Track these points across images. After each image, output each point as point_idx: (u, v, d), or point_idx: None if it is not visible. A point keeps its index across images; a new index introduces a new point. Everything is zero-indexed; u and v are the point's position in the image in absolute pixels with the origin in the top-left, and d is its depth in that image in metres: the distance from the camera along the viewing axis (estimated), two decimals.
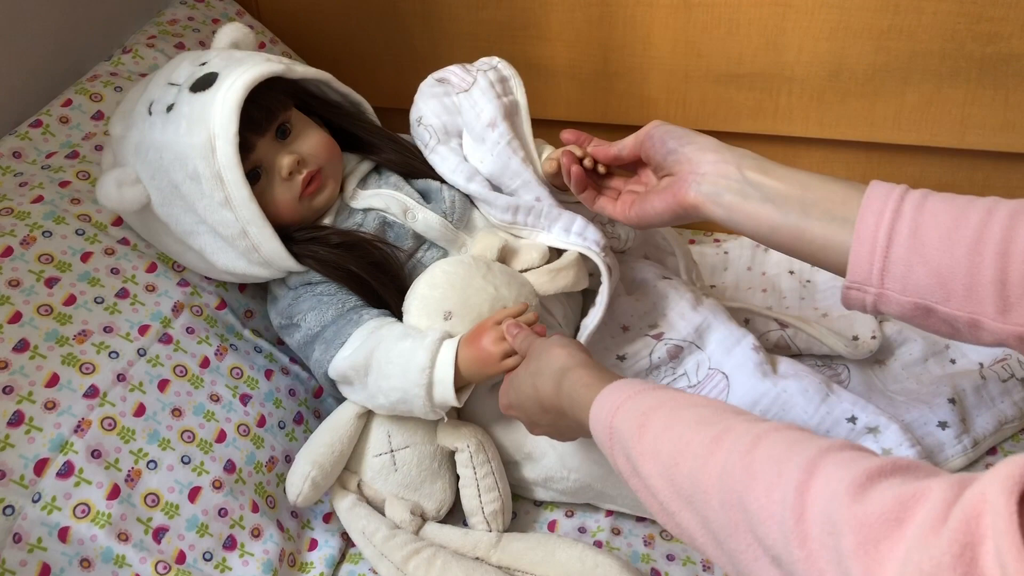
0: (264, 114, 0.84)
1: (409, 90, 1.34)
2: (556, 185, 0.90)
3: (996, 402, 0.92)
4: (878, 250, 0.63)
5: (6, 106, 1.00)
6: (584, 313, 0.93)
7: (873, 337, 0.99)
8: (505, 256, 0.87)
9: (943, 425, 0.89)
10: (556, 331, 0.90)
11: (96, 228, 0.90)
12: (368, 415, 0.88)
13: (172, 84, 0.84)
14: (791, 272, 1.16)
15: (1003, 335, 0.61)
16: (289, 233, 0.87)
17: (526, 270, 0.87)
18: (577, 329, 0.93)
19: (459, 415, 0.91)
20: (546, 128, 1.26)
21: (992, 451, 0.91)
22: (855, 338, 1.00)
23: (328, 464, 0.86)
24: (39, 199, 0.89)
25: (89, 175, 0.95)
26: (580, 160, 0.82)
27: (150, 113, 0.84)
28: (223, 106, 0.80)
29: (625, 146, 0.80)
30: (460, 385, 0.79)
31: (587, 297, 0.93)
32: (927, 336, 1.02)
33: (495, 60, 0.95)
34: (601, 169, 0.83)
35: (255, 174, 0.85)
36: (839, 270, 0.66)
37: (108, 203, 0.84)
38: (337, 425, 0.87)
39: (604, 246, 0.87)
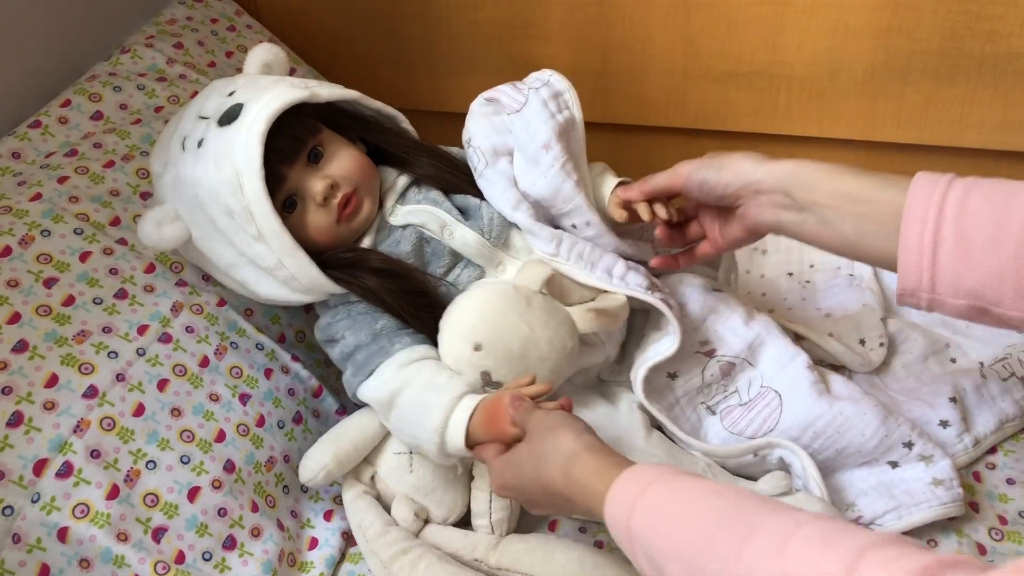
0: (292, 143, 0.84)
1: (408, 89, 1.35)
2: (617, 231, 0.90)
3: (997, 401, 0.92)
4: (925, 260, 0.64)
5: (5, 106, 0.99)
6: (629, 329, 0.92)
7: (881, 344, 0.99)
8: (552, 287, 0.84)
9: (944, 424, 0.89)
10: (598, 348, 0.89)
11: (94, 227, 0.90)
12: None
13: (202, 118, 0.84)
14: (789, 274, 1.16)
15: None
16: (328, 256, 0.87)
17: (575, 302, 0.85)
18: (621, 345, 0.92)
19: None
20: None
21: (992, 450, 0.91)
22: (862, 342, 0.99)
23: (347, 461, 0.87)
24: (37, 196, 0.89)
25: (87, 170, 0.95)
26: (668, 226, 0.86)
27: (183, 149, 0.84)
28: (247, 141, 0.80)
29: (658, 184, 0.84)
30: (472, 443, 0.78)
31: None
32: (928, 335, 1.01)
33: (547, 75, 0.91)
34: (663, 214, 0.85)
35: (291, 202, 0.85)
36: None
37: (148, 243, 0.85)
38: (367, 425, 0.87)
39: (648, 287, 0.85)
